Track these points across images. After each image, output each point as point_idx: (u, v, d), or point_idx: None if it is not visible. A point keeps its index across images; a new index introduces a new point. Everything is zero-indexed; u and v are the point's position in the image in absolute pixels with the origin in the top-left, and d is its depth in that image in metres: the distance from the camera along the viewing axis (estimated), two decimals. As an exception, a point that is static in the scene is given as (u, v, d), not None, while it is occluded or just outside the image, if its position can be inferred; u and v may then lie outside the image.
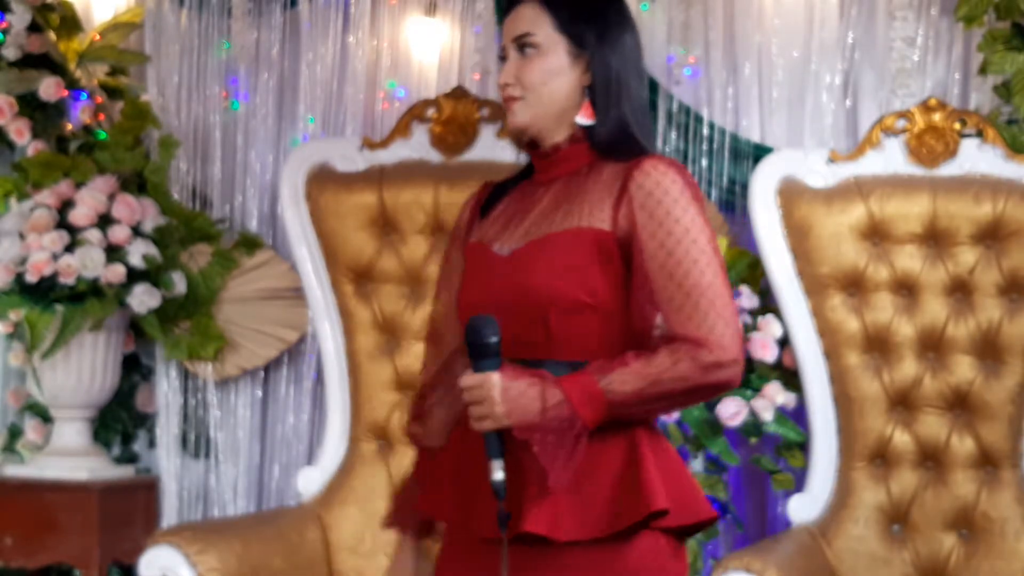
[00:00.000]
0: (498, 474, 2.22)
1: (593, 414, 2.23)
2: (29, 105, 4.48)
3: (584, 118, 2.41)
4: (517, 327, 2.29)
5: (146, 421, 4.65)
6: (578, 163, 2.42)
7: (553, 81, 2.39)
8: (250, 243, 4.47)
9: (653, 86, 4.25)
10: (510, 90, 2.40)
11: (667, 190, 2.31)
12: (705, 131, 4.22)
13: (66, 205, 4.30)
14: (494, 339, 2.24)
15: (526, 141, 2.45)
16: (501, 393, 2.22)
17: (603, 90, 2.40)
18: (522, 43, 2.41)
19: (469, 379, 2.25)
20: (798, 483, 3.96)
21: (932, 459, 3.86)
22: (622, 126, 2.40)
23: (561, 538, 2.25)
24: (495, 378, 2.23)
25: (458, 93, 4.23)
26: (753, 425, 3.90)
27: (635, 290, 2.31)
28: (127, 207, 4.32)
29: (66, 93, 4.47)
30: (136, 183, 4.46)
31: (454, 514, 2.39)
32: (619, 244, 2.32)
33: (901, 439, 3.87)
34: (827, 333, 3.90)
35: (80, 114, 4.46)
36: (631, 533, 2.27)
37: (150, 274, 4.30)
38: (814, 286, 3.90)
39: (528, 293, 2.31)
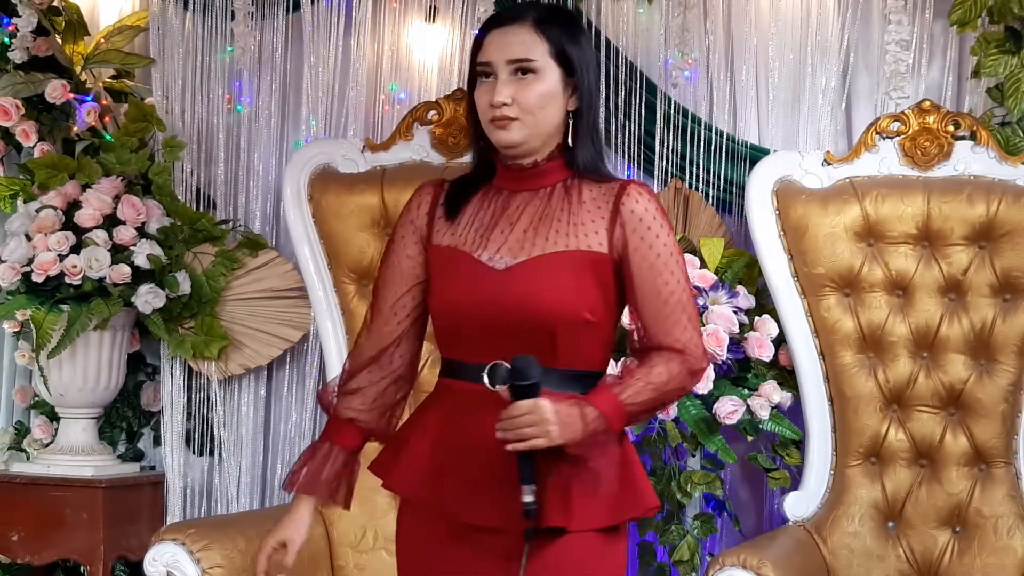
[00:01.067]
0: (529, 497, 2.42)
1: (619, 424, 2.48)
2: (35, 107, 4.51)
3: (567, 139, 2.56)
4: (519, 340, 2.45)
5: (151, 419, 4.67)
6: (553, 179, 2.56)
7: (549, 105, 2.53)
8: (253, 243, 4.49)
9: (651, 88, 4.28)
10: (507, 110, 2.51)
11: (654, 215, 2.53)
12: (702, 133, 4.24)
13: (72, 206, 4.33)
14: (537, 378, 2.39)
15: (507, 154, 2.56)
16: (554, 416, 2.40)
17: (586, 114, 2.56)
18: (521, 67, 2.52)
19: (523, 405, 2.39)
20: (794, 480, 3.98)
21: (926, 457, 3.88)
22: (595, 148, 2.57)
23: (574, 528, 2.48)
24: (546, 403, 2.40)
25: (458, 95, 4.26)
26: (750, 423, 3.91)
27: (631, 305, 2.54)
28: (132, 208, 4.34)
29: (72, 96, 4.49)
30: (141, 184, 4.49)
31: (428, 497, 2.55)
32: (613, 265, 2.52)
33: (895, 437, 3.89)
34: (823, 332, 3.92)
35: (86, 116, 4.47)
36: (619, 524, 2.54)
37: (155, 274, 4.32)
38: (810, 286, 3.92)
39: (533, 310, 2.47)
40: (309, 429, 4.50)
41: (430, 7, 4.47)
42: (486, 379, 2.44)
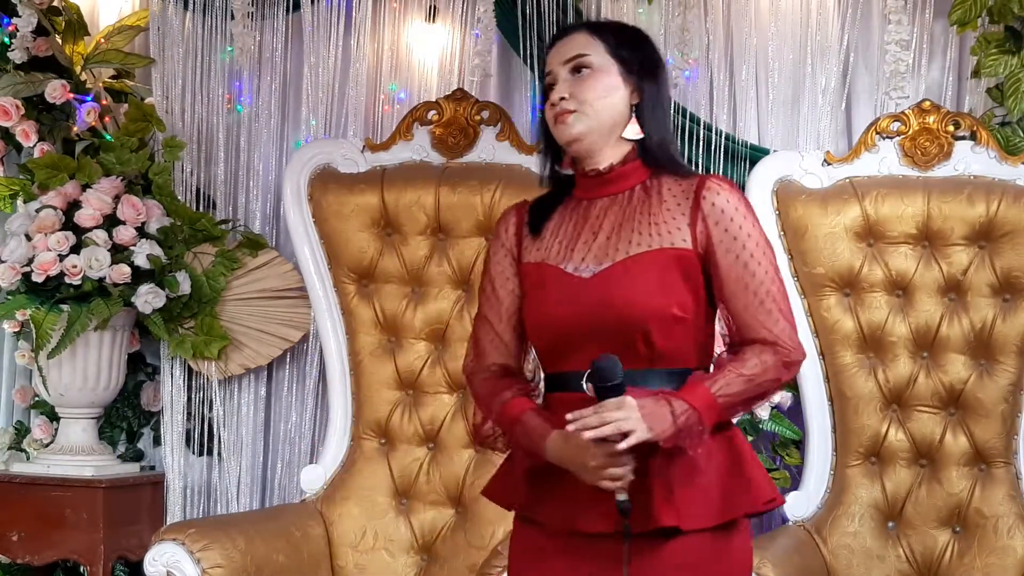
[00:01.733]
0: (622, 496, 2.42)
1: (711, 417, 2.45)
2: (36, 107, 4.52)
3: (633, 133, 2.57)
4: (615, 344, 2.46)
5: (151, 419, 4.67)
6: (633, 181, 2.59)
7: (608, 96, 2.57)
8: (253, 243, 4.49)
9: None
10: (564, 103, 2.55)
11: (736, 207, 2.53)
12: (702, 133, 4.24)
13: (72, 206, 4.33)
14: (621, 378, 2.39)
15: (574, 154, 2.60)
16: (640, 411, 2.39)
17: (650, 108, 2.58)
18: (577, 64, 2.57)
19: (610, 403, 2.39)
20: (794, 480, 3.99)
21: (926, 457, 3.89)
22: (666, 142, 2.59)
23: (686, 527, 2.46)
24: (631, 400, 2.39)
25: (458, 95, 4.26)
26: (750, 423, 3.92)
27: (720, 299, 2.53)
28: (132, 208, 4.34)
29: (72, 96, 4.49)
30: (141, 184, 4.49)
31: (533, 508, 2.57)
32: (700, 260, 2.52)
33: (896, 437, 3.89)
34: (823, 332, 3.92)
35: (86, 116, 4.47)
36: (735, 520, 2.52)
37: (155, 274, 4.33)
38: (810, 286, 3.92)
39: (626, 313, 2.48)
40: (309, 429, 4.50)
41: (430, 7, 4.47)
42: (585, 386, 2.46)
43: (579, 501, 2.49)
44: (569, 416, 2.40)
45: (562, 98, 2.55)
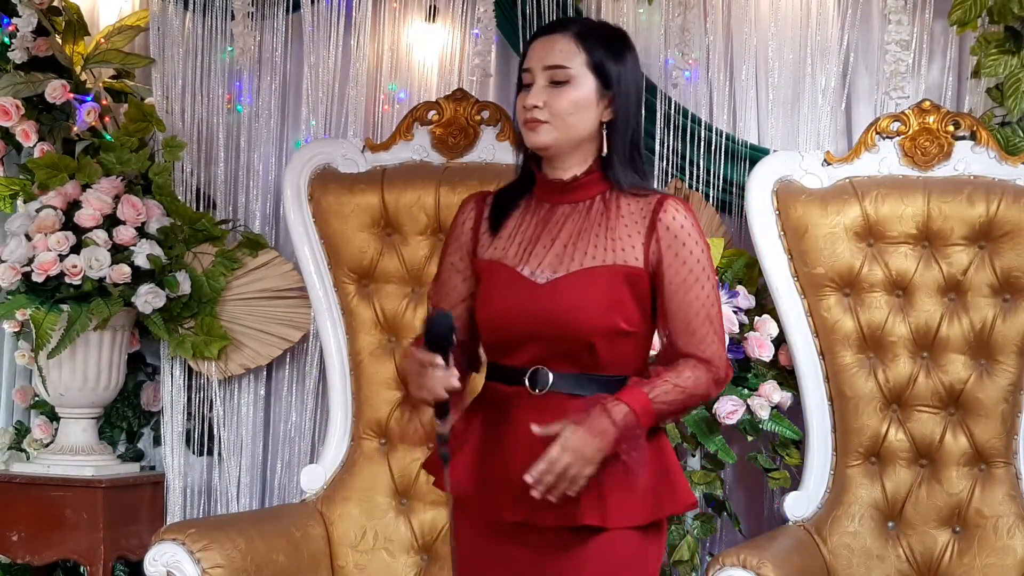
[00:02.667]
0: (443, 429, 2.56)
1: (647, 420, 2.57)
2: (36, 107, 4.52)
3: (602, 150, 2.63)
4: (562, 349, 2.59)
5: (151, 419, 4.67)
6: (592, 192, 2.66)
7: (580, 112, 2.62)
8: (253, 243, 4.49)
9: (651, 89, 4.28)
10: (537, 113, 2.61)
11: (689, 232, 2.63)
12: (703, 133, 4.24)
13: (72, 206, 4.33)
14: (450, 341, 2.53)
15: (547, 164, 2.67)
16: (583, 441, 2.51)
17: (622, 128, 2.64)
18: (555, 74, 2.61)
19: (553, 453, 2.50)
20: (794, 480, 3.99)
21: (926, 457, 3.89)
22: (632, 162, 2.65)
23: (613, 526, 2.57)
24: (571, 435, 2.51)
25: (458, 95, 4.27)
26: (750, 423, 3.92)
27: (661, 315, 2.64)
28: (132, 208, 4.35)
29: (72, 96, 4.49)
30: (141, 184, 4.49)
31: (475, 495, 2.65)
32: (649, 278, 2.62)
33: (895, 437, 3.89)
34: (823, 332, 3.93)
35: (86, 116, 4.47)
36: (658, 520, 2.64)
37: (155, 274, 4.33)
38: (810, 286, 3.92)
39: (574, 323, 2.58)
40: (309, 429, 4.50)
41: (430, 7, 4.47)
42: (527, 383, 2.60)
43: (513, 490, 2.57)
44: (527, 476, 2.50)
45: (536, 106, 2.61)
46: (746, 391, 3.92)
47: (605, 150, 2.64)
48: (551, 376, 2.61)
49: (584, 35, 2.64)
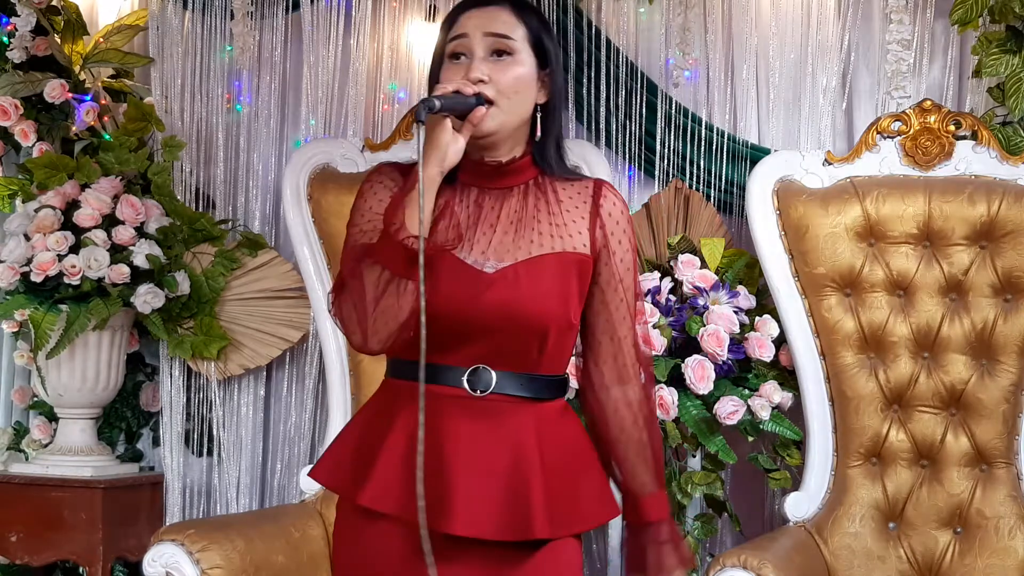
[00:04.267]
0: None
1: (665, 510, 2.60)
2: (34, 107, 4.52)
3: (539, 133, 2.47)
4: (509, 346, 2.39)
5: (150, 419, 4.68)
6: (525, 177, 2.48)
7: (524, 91, 2.43)
8: (253, 243, 4.50)
9: (652, 88, 4.28)
10: (484, 87, 2.37)
11: (628, 218, 2.54)
12: (703, 133, 4.24)
13: (71, 206, 4.33)
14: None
15: (480, 147, 2.43)
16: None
17: (553, 109, 2.48)
18: (499, 45, 2.41)
19: None
20: (794, 481, 3.99)
21: (927, 457, 3.88)
22: (558, 146, 2.50)
23: (560, 535, 2.43)
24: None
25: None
26: (750, 423, 3.91)
27: (590, 302, 2.51)
28: (131, 208, 4.34)
29: (71, 95, 4.49)
30: (140, 184, 4.49)
31: (405, 510, 2.35)
32: (593, 264, 2.48)
33: (896, 437, 3.89)
34: (823, 332, 3.92)
35: (85, 116, 4.47)
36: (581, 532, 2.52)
37: (154, 274, 4.33)
38: (811, 286, 3.92)
39: (526, 314, 2.39)
40: (309, 429, 4.50)
41: (430, 6, 4.47)
42: (466, 384, 2.39)
43: (449, 502, 2.35)
44: None
45: (481, 80, 2.37)
46: (747, 391, 3.91)
47: (540, 134, 2.45)
48: (494, 376, 2.39)
49: (520, 7, 2.45)
